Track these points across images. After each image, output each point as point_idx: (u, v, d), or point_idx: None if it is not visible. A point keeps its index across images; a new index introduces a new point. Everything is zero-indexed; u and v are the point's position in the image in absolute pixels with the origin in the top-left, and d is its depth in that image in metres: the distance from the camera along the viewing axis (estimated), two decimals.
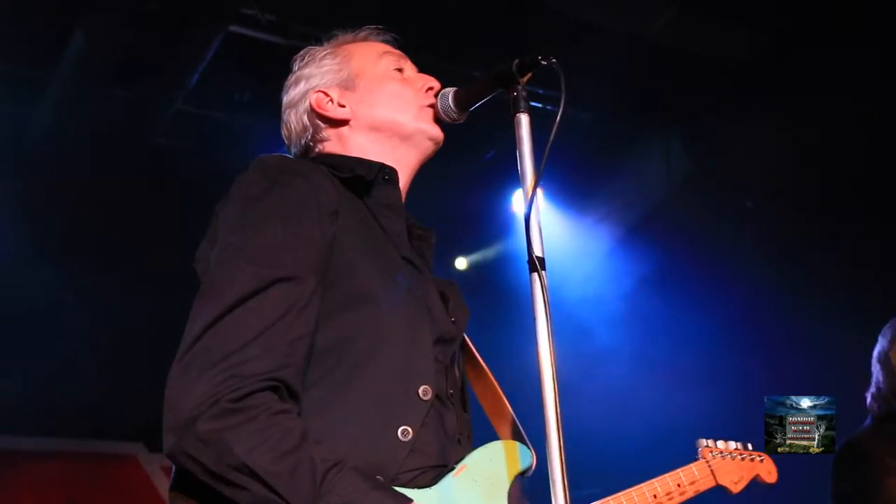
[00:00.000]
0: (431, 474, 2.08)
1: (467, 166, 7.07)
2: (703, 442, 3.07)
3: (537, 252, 1.99)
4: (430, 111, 2.41)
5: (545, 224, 2.03)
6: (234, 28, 5.93)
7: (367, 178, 2.28)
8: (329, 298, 2.07)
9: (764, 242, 6.65)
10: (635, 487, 2.73)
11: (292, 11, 5.94)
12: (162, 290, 5.95)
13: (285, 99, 2.54)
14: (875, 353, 4.71)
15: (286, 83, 2.56)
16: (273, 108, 6.75)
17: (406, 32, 2.60)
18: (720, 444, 3.09)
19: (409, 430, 2.05)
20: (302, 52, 2.57)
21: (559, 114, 2.02)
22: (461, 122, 2.39)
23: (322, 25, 5.80)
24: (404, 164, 2.41)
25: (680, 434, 3.61)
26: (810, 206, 6.57)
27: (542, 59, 2.08)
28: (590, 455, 4.83)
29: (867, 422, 4.61)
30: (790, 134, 6.37)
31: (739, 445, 3.14)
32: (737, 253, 6.82)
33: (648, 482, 2.77)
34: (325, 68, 2.50)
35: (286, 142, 2.57)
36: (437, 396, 2.14)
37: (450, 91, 2.36)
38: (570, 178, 7.00)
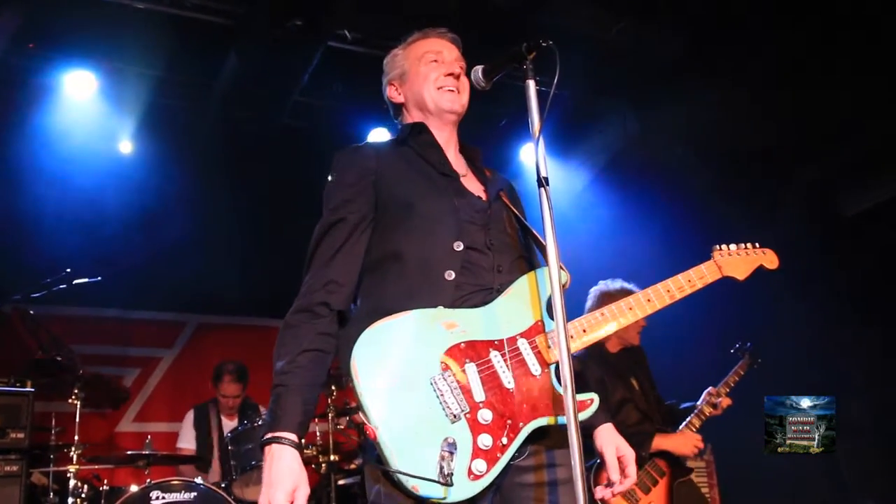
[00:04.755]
0: (481, 297, 2.09)
1: (489, 129, 7.02)
2: (717, 247, 2.52)
3: (543, 173, 1.98)
4: (448, 92, 2.33)
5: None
6: (331, 43, 5.94)
7: (403, 135, 2.35)
8: (383, 216, 2.17)
9: (686, 174, 6.70)
10: (652, 287, 2.32)
11: (369, 30, 5.93)
12: (286, 214, 6.07)
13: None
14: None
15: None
16: (357, 98, 6.93)
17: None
18: (732, 246, 2.53)
19: (452, 272, 2.06)
20: (390, 53, 2.52)
21: (556, 75, 1.96)
22: (487, 89, 2.27)
23: (389, 38, 5.98)
24: (438, 125, 2.35)
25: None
26: (717, 153, 6.64)
27: (542, 42, 2.03)
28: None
29: None
30: (704, 105, 6.34)
31: (749, 245, 2.57)
32: (669, 181, 6.86)
33: (663, 282, 2.35)
34: (393, 65, 2.47)
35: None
36: (470, 247, 2.12)
37: (479, 67, 2.25)
38: (558, 135, 7.01)
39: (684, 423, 4.51)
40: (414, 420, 1.88)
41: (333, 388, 5.38)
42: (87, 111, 6.06)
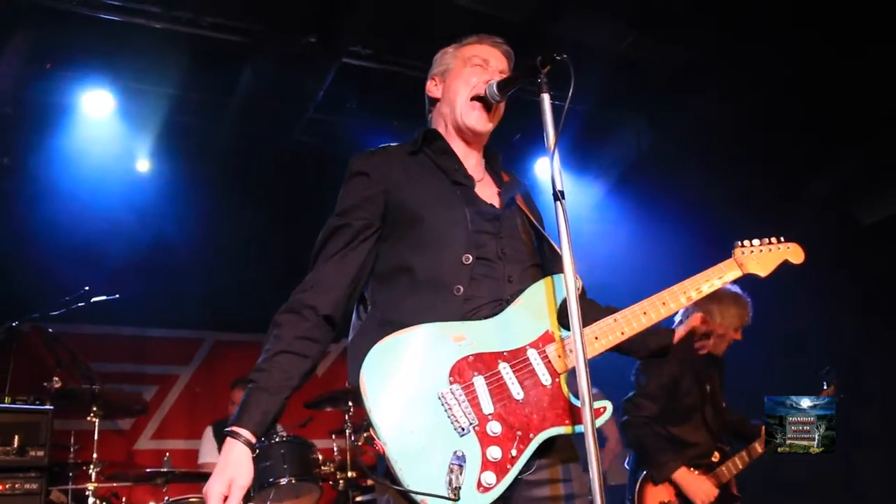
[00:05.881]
0: (490, 308, 2.07)
1: (502, 145, 6.55)
2: (738, 243, 2.42)
3: (559, 187, 1.96)
4: (476, 102, 2.28)
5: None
6: (345, 60, 5.93)
7: (419, 141, 2.31)
8: (394, 226, 2.17)
9: (700, 185, 6.65)
10: (668, 290, 2.26)
11: (382, 47, 5.90)
12: (301, 230, 6.00)
13: None
14: None
15: None
16: (372, 114, 6.90)
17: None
18: (755, 242, 2.44)
19: (461, 287, 2.06)
20: (441, 50, 2.48)
21: (571, 88, 1.95)
22: (503, 102, 2.29)
23: (402, 54, 6.00)
24: (462, 140, 2.33)
25: None
26: (730, 163, 6.59)
27: (556, 56, 2.00)
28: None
29: None
30: (717, 116, 6.34)
31: (774, 239, 2.47)
32: (683, 192, 6.83)
33: (680, 284, 2.28)
34: (441, 61, 2.45)
35: None
36: (480, 258, 2.11)
37: (494, 81, 2.25)
38: (571, 148, 6.96)
39: (746, 448, 4.28)
40: (422, 435, 1.88)
41: (351, 404, 5.36)
42: (104, 130, 6.10)
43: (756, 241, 2.45)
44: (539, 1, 5.67)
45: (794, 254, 2.49)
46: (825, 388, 4.54)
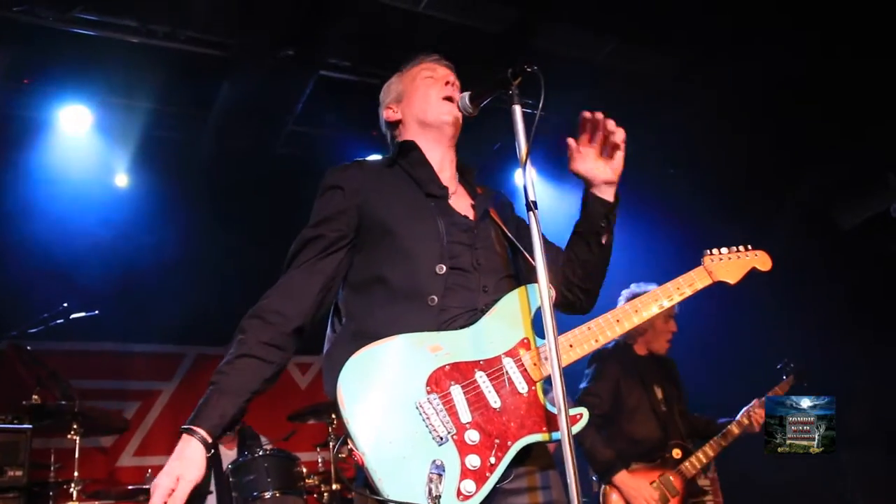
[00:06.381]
0: (465, 318, 2.08)
1: (483, 154, 6.96)
2: (707, 251, 2.44)
3: (532, 197, 1.99)
4: (446, 101, 2.35)
5: (537, 189, 2.04)
6: (323, 72, 5.96)
7: (393, 154, 2.37)
8: (367, 239, 2.19)
9: (680, 194, 6.68)
10: (640, 298, 2.29)
11: (360, 59, 5.95)
12: (283, 243, 5.93)
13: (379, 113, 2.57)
14: None
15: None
16: (351, 125, 6.89)
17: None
18: (723, 250, 2.44)
19: (435, 297, 2.07)
20: (385, 83, 2.56)
21: (541, 100, 1.96)
22: (475, 115, 2.33)
23: (380, 66, 6.02)
24: (436, 137, 2.37)
25: None
26: (705, 171, 6.65)
27: (527, 67, 2.04)
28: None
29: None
30: (696, 125, 6.39)
31: (741, 247, 2.47)
32: (662, 201, 6.85)
33: (651, 292, 2.31)
34: (388, 91, 2.51)
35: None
36: (454, 268, 2.12)
37: (466, 94, 2.31)
38: (552, 158, 6.89)
39: (711, 441, 4.36)
40: (401, 444, 1.88)
41: (334, 416, 5.34)
42: (82, 146, 6.09)
43: (724, 250, 2.46)
44: (519, 12, 5.69)
45: (761, 261, 2.50)
46: (784, 379, 4.63)
